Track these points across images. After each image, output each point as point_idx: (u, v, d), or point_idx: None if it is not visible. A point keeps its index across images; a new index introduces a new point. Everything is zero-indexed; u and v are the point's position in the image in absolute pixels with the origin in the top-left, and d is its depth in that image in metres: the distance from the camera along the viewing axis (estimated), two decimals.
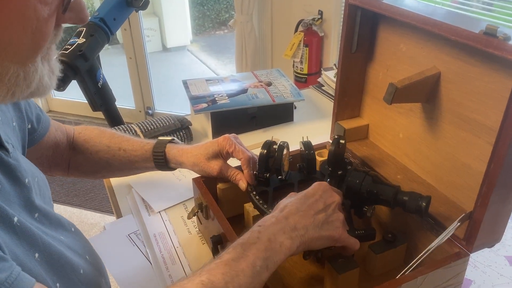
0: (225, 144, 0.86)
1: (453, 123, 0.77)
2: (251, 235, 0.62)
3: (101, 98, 1.26)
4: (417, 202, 0.73)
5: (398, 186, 0.76)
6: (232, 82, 1.42)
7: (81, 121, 3.28)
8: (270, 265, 0.60)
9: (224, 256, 0.59)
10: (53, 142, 0.85)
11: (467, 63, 0.72)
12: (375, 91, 0.95)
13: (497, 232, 0.74)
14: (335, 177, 0.84)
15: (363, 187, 0.76)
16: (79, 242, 0.70)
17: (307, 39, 2.42)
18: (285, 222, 0.64)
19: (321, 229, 0.66)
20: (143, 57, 2.95)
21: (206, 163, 0.86)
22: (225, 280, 0.55)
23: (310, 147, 0.88)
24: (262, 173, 0.85)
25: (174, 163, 0.90)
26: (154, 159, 0.89)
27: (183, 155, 0.88)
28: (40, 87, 0.52)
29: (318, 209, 0.67)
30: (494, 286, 0.82)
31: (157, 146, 0.89)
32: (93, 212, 2.49)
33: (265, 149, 0.85)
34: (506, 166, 0.64)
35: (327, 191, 0.71)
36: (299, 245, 0.64)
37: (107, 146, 0.89)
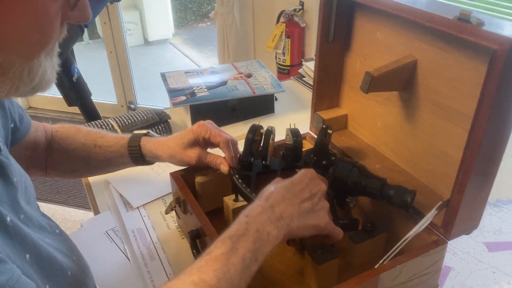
0: (200, 131, 0.83)
1: (430, 111, 0.77)
2: (239, 227, 0.60)
3: (76, 93, 1.23)
4: (403, 196, 0.72)
5: (384, 179, 0.76)
6: (212, 74, 1.40)
7: (62, 117, 3.23)
8: (259, 256, 0.59)
9: (214, 251, 0.57)
10: (33, 142, 0.83)
11: (443, 50, 0.71)
12: (353, 81, 0.94)
13: (474, 219, 0.74)
14: (320, 166, 0.83)
15: (349, 178, 0.76)
16: (65, 243, 0.68)
17: (289, 30, 2.40)
18: (271, 211, 0.63)
19: (307, 217, 0.65)
20: (123, 51, 2.91)
21: (183, 152, 0.84)
22: (217, 277, 0.54)
23: (298, 134, 0.87)
24: (246, 157, 0.83)
25: (150, 157, 0.88)
26: (130, 154, 0.87)
27: (159, 148, 0.86)
28: (42, 81, 0.53)
29: (304, 198, 0.66)
30: (473, 272, 0.83)
31: (131, 140, 0.87)
32: (77, 209, 2.45)
33: (251, 133, 0.83)
34: (481, 153, 0.64)
35: (314, 179, 0.69)
36: (285, 234, 0.63)
37: (83, 143, 0.87)
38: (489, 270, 0.83)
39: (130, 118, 1.16)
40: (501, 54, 0.56)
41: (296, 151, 0.86)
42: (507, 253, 0.86)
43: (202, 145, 0.86)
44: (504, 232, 0.92)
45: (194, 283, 0.52)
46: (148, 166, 0.92)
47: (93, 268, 0.85)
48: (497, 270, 0.83)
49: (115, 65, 2.96)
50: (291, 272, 0.80)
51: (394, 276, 0.68)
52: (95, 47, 4.37)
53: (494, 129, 0.62)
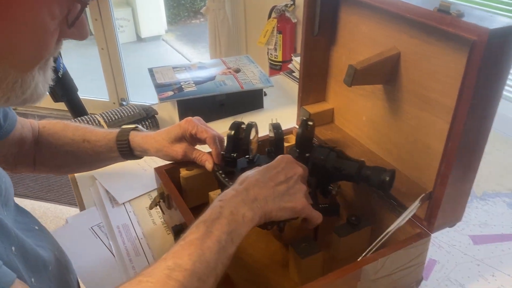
0: (188, 126, 0.84)
1: (413, 104, 0.77)
2: (212, 211, 0.60)
3: (62, 89, 1.22)
4: (380, 176, 0.72)
5: (362, 161, 0.75)
6: (200, 70, 1.39)
7: (54, 114, 3.21)
8: (235, 238, 0.59)
9: (188, 236, 0.57)
10: (19, 138, 0.82)
11: (425, 42, 0.71)
12: (339, 75, 0.94)
13: (458, 211, 0.74)
14: (303, 159, 0.83)
15: (327, 162, 0.76)
16: (46, 239, 0.68)
17: (281, 26, 2.40)
18: (245, 194, 0.63)
19: (281, 200, 0.65)
20: (115, 48, 2.89)
21: (170, 147, 0.85)
22: (192, 260, 0.54)
23: (278, 127, 0.87)
24: (229, 153, 0.83)
25: (139, 151, 0.87)
26: (118, 148, 0.86)
27: (147, 141, 0.86)
28: (34, 94, 0.53)
29: (278, 181, 0.66)
30: (458, 265, 0.83)
31: (120, 134, 0.87)
32: (69, 207, 2.44)
33: (233, 129, 0.83)
34: (462, 144, 0.64)
35: (290, 163, 0.70)
36: (261, 215, 0.63)
37: (71, 139, 0.86)
38: (474, 263, 0.83)
39: (117, 114, 1.15)
40: (480, 45, 0.56)
41: (278, 143, 0.86)
42: (492, 246, 0.87)
43: (189, 141, 0.86)
44: (489, 225, 0.92)
45: (169, 268, 0.52)
46: (134, 161, 0.92)
47: (78, 264, 0.85)
48: (482, 262, 0.83)
49: (107, 62, 2.94)
50: (275, 266, 0.80)
51: (377, 269, 0.68)
52: (86, 44, 4.34)
53: (475, 121, 0.62)
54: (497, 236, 0.89)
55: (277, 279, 0.78)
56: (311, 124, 0.83)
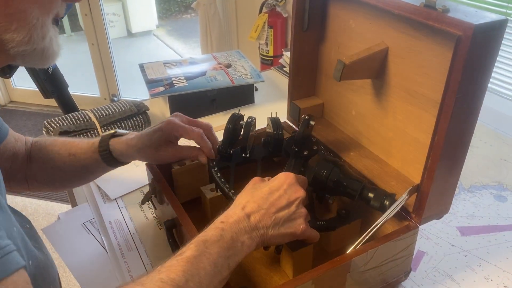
0: (171, 129, 0.80)
1: (401, 98, 0.78)
2: (214, 233, 0.60)
3: (52, 85, 1.22)
4: (382, 200, 0.73)
5: (364, 182, 0.76)
6: (191, 65, 1.39)
7: (44, 110, 3.19)
8: (231, 263, 0.59)
9: (186, 252, 0.57)
10: (11, 152, 0.79)
11: (413, 37, 0.72)
12: (328, 69, 0.95)
13: (445, 203, 0.76)
14: (300, 157, 0.83)
15: (329, 179, 0.76)
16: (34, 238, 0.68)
17: (272, 21, 2.40)
18: (247, 221, 0.63)
19: (282, 226, 0.65)
20: (106, 43, 2.87)
21: (156, 153, 0.81)
22: (185, 277, 0.54)
23: (279, 126, 0.86)
24: (225, 148, 0.83)
25: (125, 159, 0.83)
26: (102, 159, 0.82)
27: (129, 150, 0.81)
28: (50, 47, 0.56)
29: (280, 206, 0.66)
30: (446, 256, 0.85)
31: (100, 145, 0.82)
32: (59, 203, 2.44)
33: (231, 123, 0.82)
34: (449, 138, 0.65)
35: (292, 186, 0.68)
36: (258, 243, 0.64)
37: (58, 153, 0.83)
38: (461, 254, 0.85)
39: (108, 110, 1.15)
40: (465, 39, 0.57)
41: (277, 143, 0.86)
42: (479, 237, 0.88)
43: (175, 141, 0.83)
44: (476, 216, 0.93)
45: (162, 281, 0.53)
46: None
47: (71, 259, 0.85)
48: (469, 253, 0.85)
49: (97, 57, 2.92)
50: (266, 259, 0.81)
51: (366, 261, 0.69)
52: (77, 39, 4.32)
53: (460, 115, 0.64)
54: (484, 227, 0.91)
55: (268, 272, 0.79)
56: (313, 123, 0.83)
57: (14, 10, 0.50)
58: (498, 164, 1.09)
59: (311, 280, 0.64)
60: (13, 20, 0.50)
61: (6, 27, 0.50)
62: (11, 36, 0.51)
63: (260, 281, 0.77)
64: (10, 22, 0.50)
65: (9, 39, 0.51)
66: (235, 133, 0.83)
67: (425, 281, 0.80)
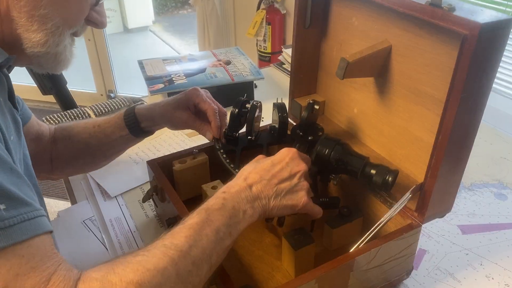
0: (193, 94, 0.84)
1: (405, 97, 0.77)
2: (216, 201, 0.61)
3: (50, 81, 1.21)
4: (385, 175, 0.72)
5: (367, 158, 0.76)
6: (190, 62, 1.39)
7: (40, 106, 3.17)
8: (233, 231, 0.60)
9: (188, 220, 0.58)
10: (34, 136, 0.83)
11: (417, 35, 0.72)
12: (330, 67, 0.95)
13: (448, 202, 0.76)
14: (305, 142, 0.83)
15: (332, 156, 0.75)
16: None
17: (270, 17, 2.39)
18: (249, 191, 0.64)
19: (284, 198, 0.66)
20: (102, 39, 2.86)
21: (173, 112, 0.85)
22: (188, 243, 0.55)
23: (284, 110, 0.86)
24: (231, 131, 0.83)
25: (145, 121, 0.87)
26: (126, 122, 0.86)
27: (152, 108, 0.87)
28: (63, 54, 0.62)
29: (282, 178, 0.67)
30: (447, 254, 0.85)
31: (127, 110, 0.87)
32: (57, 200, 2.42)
33: (236, 107, 0.83)
34: (453, 137, 0.65)
35: (294, 159, 0.69)
36: (261, 213, 0.64)
37: (83, 127, 0.88)
38: (462, 252, 0.85)
39: (107, 107, 1.15)
40: (471, 39, 0.56)
41: (282, 126, 0.86)
42: (480, 235, 0.89)
43: (193, 110, 0.86)
44: (477, 215, 0.94)
45: (165, 246, 0.54)
46: (126, 154, 0.91)
47: (71, 258, 0.84)
48: (470, 252, 0.85)
49: (94, 53, 2.91)
50: (269, 257, 0.81)
51: (369, 259, 0.69)
52: None
53: (465, 114, 0.63)
54: (485, 225, 0.91)
55: (270, 270, 0.78)
56: (317, 107, 0.83)
57: (39, 14, 0.56)
58: (498, 162, 1.09)
59: (315, 279, 0.64)
60: (34, 21, 0.56)
61: (27, 27, 0.56)
62: (29, 35, 0.57)
63: (262, 280, 0.77)
64: (32, 23, 0.56)
65: (27, 38, 0.57)
66: (241, 117, 0.82)
67: (426, 279, 0.80)
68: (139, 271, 0.50)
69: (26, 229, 0.47)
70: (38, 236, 0.49)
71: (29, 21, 0.56)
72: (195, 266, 0.55)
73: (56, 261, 0.49)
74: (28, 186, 0.52)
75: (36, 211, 0.50)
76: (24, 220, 0.47)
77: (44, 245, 0.49)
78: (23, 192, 0.49)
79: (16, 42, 0.58)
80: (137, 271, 0.50)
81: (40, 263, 0.47)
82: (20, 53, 0.59)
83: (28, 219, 0.48)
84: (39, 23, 0.56)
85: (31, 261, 0.47)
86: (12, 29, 0.56)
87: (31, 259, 0.47)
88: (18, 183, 0.50)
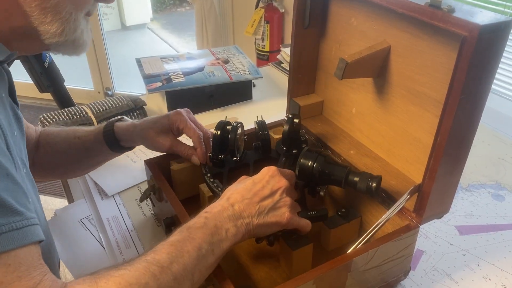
0: (176, 120, 0.83)
1: (403, 97, 0.77)
2: (197, 220, 0.62)
3: (48, 79, 1.20)
4: (367, 182, 0.73)
5: (348, 167, 0.76)
6: (189, 60, 1.38)
7: (37, 103, 3.16)
8: (216, 250, 0.60)
9: (170, 238, 0.59)
10: None
11: (416, 36, 0.72)
12: (328, 67, 0.94)
13: (445, 203, 0.76)
14: (290, 156, 0.83)
15: (315, 168, 0.75)
16: None
17: (268, 16, 2.38)
18: (231, 210, 0.64)
19: (267, 215, 0.66)
20: (100, 36, 2.85)
21: (155, 138, 0.83)
22: (170, 259, 0.56)
23: (264, 127, 0.87)
24: (216, 154, 0.83)
25: (124, 140, 0.86)
26: (104, 138, 0.85)
27: (131, 129, 0.85)
28: (81, 38, 0.61)
29: (263, 196, 0.67)
30: (444, 255, 0.85)
31: (106, 125, 0.86)
32: (53, 197, 2.42)
33: (218, 130, 0.83)
34: (451, 138, 0.65)
35: (275, 176, 0.69)
36: (245, 233, 0.64)
37: (65, 137, 0.86)
38: (459, 253, 0.85)
39: (105, 105, 1.14)
40: (471, 40, 0.56)
41: (265, 143, 0.87)
42: (477, 236, 0.89)
43: (176, 134, 0.85)
44: (474, 215, 0.94)
45: (147, 261, 0.55)
46: (123, 154, 0.91)
47: (68, 257, 0.85)
48: (467, 252, 0.85)
49: (91, 50, 2.89)
50: (266, 258, 0.80)
51: (366, 260, 0.69)
52: None
53: (464, 115, 0.63)
54: (482, 226, 0.91)
55: (267, 270, 0.78)
56: (297, 121, 0.83)
57: (50, 5, 0.55)
58: (496, 163, 1.09)
59: (313, 280, 0.64)
60: (47, 13, 0.56)
61: (42, 20, 0.56)
62: (45, 28, 0.57)
63: (260, 280, 0.77)
64: (45, 15, 0.56)
65: (44, 30, 0.57)
66: (224, 139, 0.82)
67: (424, 280, 0.80)
68: (121, 284, 0.51)
69: (14, 239, 0.47)
70: (26, 246, 0.49)
71: (42, 14, 0.56)
72: (176, 282, 0.55)
73: (42, 272, 0.49)
74: (23, 193, 0.52)
75: (27, 220, 0.49)
76: (13, 229, 0.47)
77: (31, 255, 0.49)
78: (16, 200, 0.49)
79: (34, 34, 0.58)
80: (119, 284, 0.51)
81: (26, 272, 0.48)
82: (39, 43, 0.59)
83: (17, 229, 0.48)
84: (52, 13, 0.56)
85: (17, 270, 0.47)
86: (28, 23, 0.56)
87: (17, 268, 0.47)
88: (13, 190, 0.50)
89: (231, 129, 0.82)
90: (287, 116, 0.84)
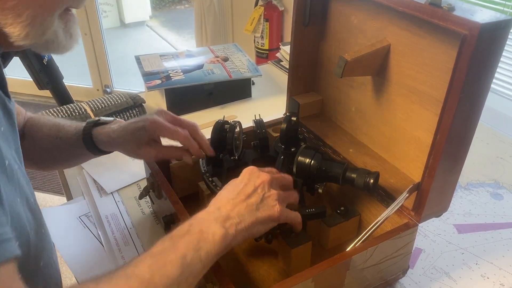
0: (154, 129, 0.77)
1: (403, 96, 0.77)
2: (181, 228, 0.59)
3: (47, 76, 1.20)
4: (365, 179, 0.73)
5: (346, 163, 0.76)
6: (188, 58, 1.38)
7: (35, 101, 3.15)
8: (203, 256, 0.57)
9: (152, 249, 0.57)
10: None
11: (416, 34, 0.72)
12: (328, 65, 0.94)
13: (444, 201, 0.76)
14: (289, 155, 0.83)
15: (312, 165, 0.76)
16: None
17: (267, 14, 2.38)
18: (218, 213, 0.62)
19: (258, 211, 0.64)
20: (99, 33, 2.84)
21: (137, 150, 0.79)
22: (150, 271, 0.53)
23: (262, 126, 0.87)
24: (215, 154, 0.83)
25: (105, 148, 0.81)
26: (85, 144, 0.80)
27: (111, 142, 0.80)
28: (55, 40, 0.57)
29: (248, 193, 0.65)
30: (443, 253, 0.85)
31: (84, 130, 0.81)
32: (52, 195, 2.41)
33: (216, 129, 0.83)
34: (451, 137, 0.65)
35: (254, 173, 0.68)
36: (236, 234, 0.61)
37: (47, 134, 0.82)
38: (458, 251, 0.85)
39: (104, 102, 1.14)
40: (471, 39, 0.56)
41: (263, 142, 0.87)
42: (476, 235, 0.89)
43: (159, 141, 0.81)
44: (473, 214, 0.94)
45: (126, 276, 0.52)
46: None
47: (67, 254, 0.84)
48: (466, 251, 0.85)
49: (90, 47, 2.89)
50: (265, 256, 0.81)
51: (365, 258, 0.69)
52: None
53: (463, 114, 0.63)
54: (481, 225, 0.91)
55: (266, 268, 0.78)
56: (295, 119, 0.83)
57: (9, 6, 0.51)
58: (494, 162, 1.10)
59: (311, 278, 0.64)
60: (7, 15, 0.52)
61: (5, 21, 0.52)
62: (9, 30, 0.53)
63: (258, 278, 0.77)
64: (6, 16, 0.52)
65: (9, 32, 0.53)
66: (222, 139, 0.82)
67: (422, 278, 0.80)
68: None
69: None
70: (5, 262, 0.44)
71: (3, 15, 0.52)
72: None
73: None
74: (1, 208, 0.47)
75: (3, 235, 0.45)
76: None
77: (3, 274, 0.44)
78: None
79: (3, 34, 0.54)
80: None
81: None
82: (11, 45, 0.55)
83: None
84: (12, 16, 0.52)
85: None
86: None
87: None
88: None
89: (229, 129, 0.82)
90: (285, 114, 0.84)
